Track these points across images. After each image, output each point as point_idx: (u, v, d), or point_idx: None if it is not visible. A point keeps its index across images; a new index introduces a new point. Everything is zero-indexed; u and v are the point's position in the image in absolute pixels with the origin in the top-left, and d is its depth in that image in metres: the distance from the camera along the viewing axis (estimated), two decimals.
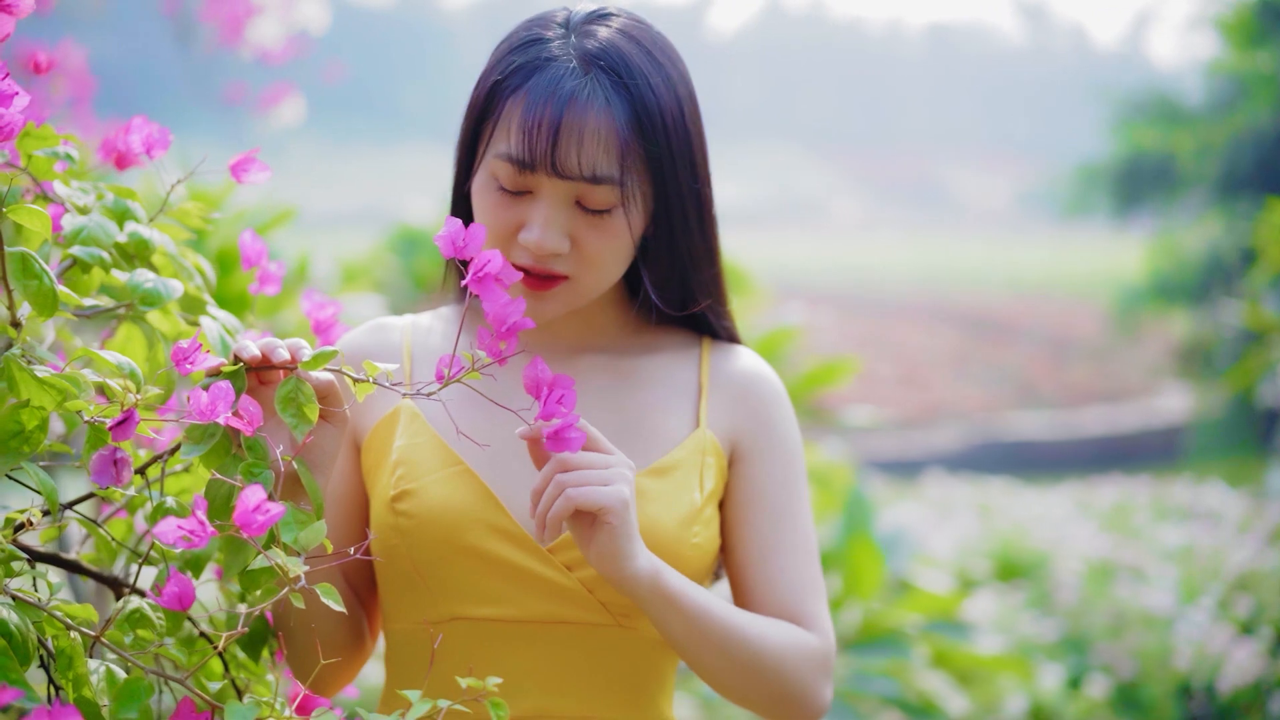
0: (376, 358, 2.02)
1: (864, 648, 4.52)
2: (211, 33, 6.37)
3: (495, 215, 1.88)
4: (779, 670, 1.89)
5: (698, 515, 1.94)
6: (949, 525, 8.57)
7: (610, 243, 1.87)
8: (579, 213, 1.86)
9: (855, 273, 31.94)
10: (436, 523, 1.90)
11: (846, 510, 4.72)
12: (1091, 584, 6.95)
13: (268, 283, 2.00)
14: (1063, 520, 8.87)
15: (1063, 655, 6.45)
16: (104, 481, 1.52)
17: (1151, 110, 19.13)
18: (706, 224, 1.96)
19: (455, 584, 1.91)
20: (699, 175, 1.92)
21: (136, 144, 1.88)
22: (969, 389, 20.73)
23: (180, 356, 1.56)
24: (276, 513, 1.46)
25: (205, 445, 1.63)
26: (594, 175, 1.83)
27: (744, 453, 2.01)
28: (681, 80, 1.91)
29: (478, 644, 1.92)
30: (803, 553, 1.99)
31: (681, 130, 1.88)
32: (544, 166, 1.82)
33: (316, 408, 1.67)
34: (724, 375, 2.04)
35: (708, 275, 2.00)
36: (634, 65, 1.86)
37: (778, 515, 1.99)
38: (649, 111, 1.85)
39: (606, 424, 1.96)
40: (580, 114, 1.82)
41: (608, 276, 1.91)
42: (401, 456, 1.94)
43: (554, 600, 1.90)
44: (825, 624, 1.98)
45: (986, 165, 67.91)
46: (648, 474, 1.94)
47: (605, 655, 1.93)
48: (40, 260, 1.63)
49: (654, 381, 2.02)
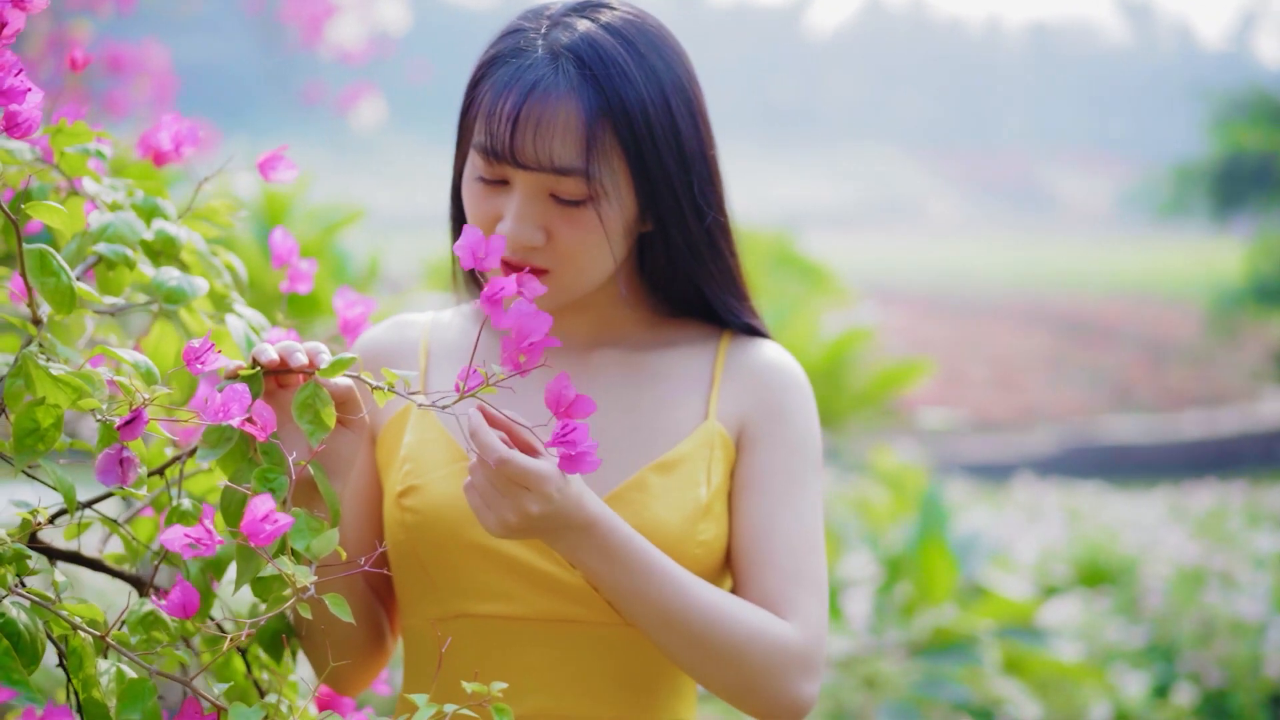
0: (394, 355, 2.01)
1: (935, 653, 4.46)
2: (293, 33, 6.40)
3: (476, 207, 1.86)
4: (740, 656, 1.81)
5: (705, 511, 1.90)
6: (1036, 529, 8.47)
7: (584, 235, 1.83)
8: (553, 205, 1.83)
9: (952, 274, 31.71)
10: (441, 518, 1.88)
11: (920, 514, 4.66)
12: (1180, 590, 6.84)
13: (298, 281, 1.99)
14: (1153, 525, 8.75)
15: (1149, 663, 6.35)
16: (109, 481, 1.50)
17: (1254, 109, 18.86)
18: (705, 217, 1.91)
19: (461, 580, 1.89)
20: (689, 168, 1.87)
21: (165, 141, 1.87)
22: (1064, 392, 20.51)
23: (192, 356, 1.54)
24: (285, 523, 1.44)
25: (222, 449, 1.61)
26: (554, 165, 1.80)
27: (750, 438, 1.95)
28: (668, 71, 1.87)
29: (485, 642, 1.90)
30: (798, 543, 1.90)
31: (665, 121, 1.84)
32: (506, 157, 1.81)
33: (333, 414, 1.65)
34: (739, 365, 1.99)
35: (715, 269, 1.95)
36: (607, 56, 1.83)
37: (776, 502, 1.92)
38: (622, 101, 1.81)
39: (615, 421, 1.93)
40: (539, 103, 1.80)
41: (589, 270, 1.87)
42: (409, 452, 1.93)
43: (559, 597, 1.88)
44: (812, 618, 1.87)
45: (1087, 166, 67.26)
46: (652, 469, 1.91)
47: (614, 655, 1.90)
48: (59, 257, 1.62)
49: (667, 375, 1.98)
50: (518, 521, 1.68)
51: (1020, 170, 66.92)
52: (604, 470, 1.89)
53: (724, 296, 1.98)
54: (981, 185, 64.62)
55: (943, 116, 79.37)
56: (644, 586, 1.76)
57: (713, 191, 1.92)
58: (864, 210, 57.36)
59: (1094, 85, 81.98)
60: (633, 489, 1.90)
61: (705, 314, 2.02)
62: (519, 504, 1.68)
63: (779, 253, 11.20)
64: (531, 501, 1.68)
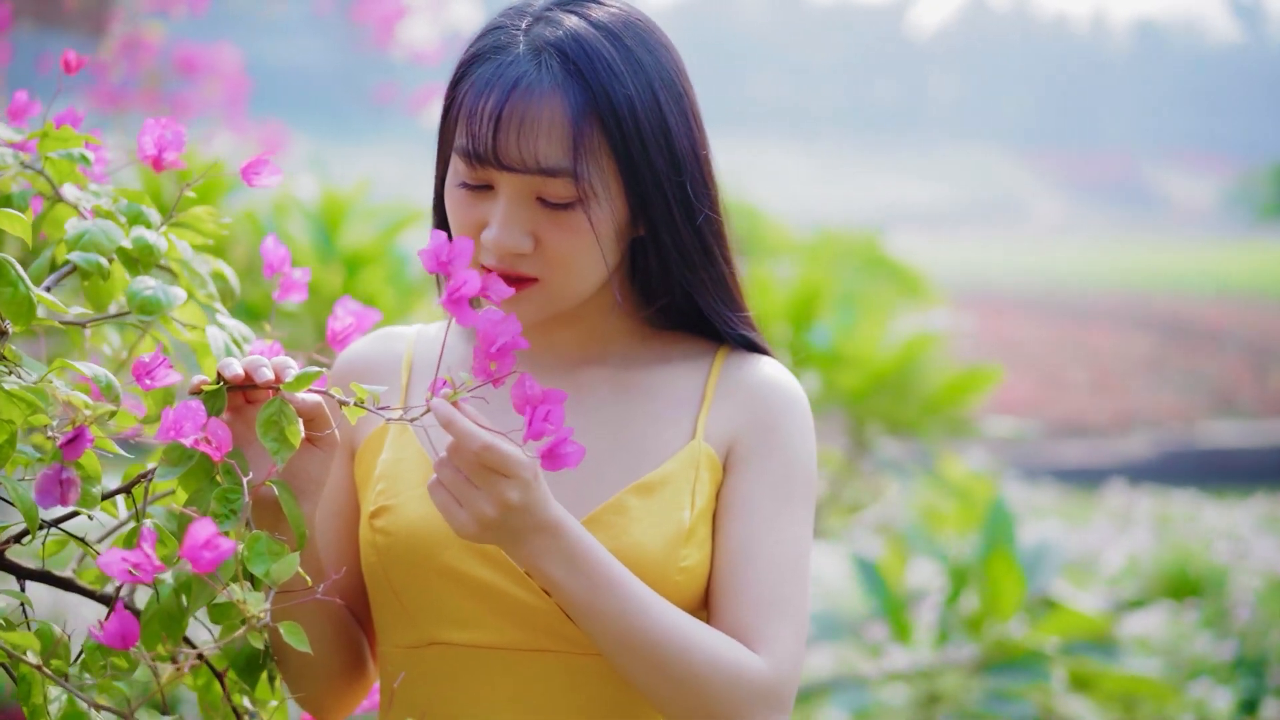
0: (377, 369, 1.93)
1: (1000, 669, 4.35)
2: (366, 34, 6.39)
3: (460, 215, 1.78)
4: (699, 684, 1.71)
5: (688, 536, 1.80)
6: (1124, 538, 8.30)
7: (574, 240, 1.75)
8: (540, 209, 1.75)
9: (1054, 276, 31.35)
10: (412, 541, 1.80)
11: (986, 524, 4.53)
12: (1271, 602, 6.66)
13: (290, 290, 1.92)
14: (1247, 535, 8.55)
15: (1237, 677, 6.18)
16: (46, 503, 1.44)
17: None
18: (698, 221, 1.82)
19: (432, 606, 1.81)
20: (680, 166, 1.79)
21: (149, 145, 1.81)
22: (1164, 396, 20.15)
23: (141, 371, 1.48)
24: (227, 549, 1.37)
25: (182, 467, 1.55)
26: (540, 166, 1.72)
27: (737, 457, 1.84)
28: (657, 67, 1.79)
29: (457, 671, 1.81)
30: (779, 570, 1.80)
31: (654, 119, 1.76)
32: (489, 159, 1.73)
33: (298, 431, 1.58)
34: (732, 383, 1.88)
35: (707, 275, 1.85)
36: (593, 52, 1.75)
37: (759, 526, 1.81)
38: (608, 99, 1.73)
39: (600, 441, 1.83)
40: (522, 102, 1.72)
41: (580, 278, 1.78)
42: (384, 470, 1.85)
43: (530, 627, 1.79)
44: (783, 651, 1.77)
45: (1194, 166, 66.34)
46: (632, 491, 1.81)
47: (587, 687, 1.80)
48: (18, 266, 1.56)
49: (657, 393, 1.88)
50: (495, 514, 1.60)
51: (1124, 170, 66.13)
52: (583, 492, 1.80)
53: (717, 306, 1.87)
54: (1085, 185, 63.94)
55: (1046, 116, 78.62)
56: (604, 600, 1.68)
57: (705, 193, 1.83)
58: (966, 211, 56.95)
59: (1201, 83, 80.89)
60: (611, 511, 1.80)
61: (701, 327, 1.92)
62: (497, 492, 1.59)
63: (866, 254, 11.07)
64: (511, 488, 1.60)
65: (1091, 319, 24.96)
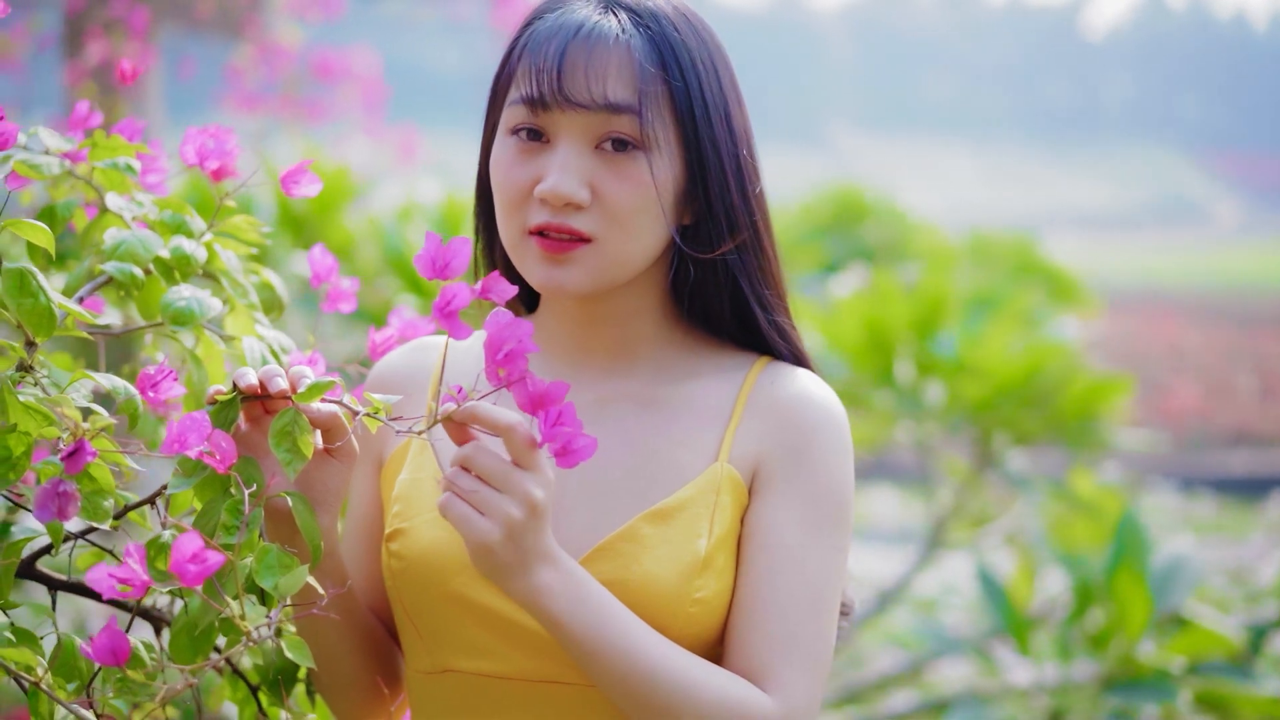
0: (408, 380, 1.88)
1: (1124, 687, 4.21)
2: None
3: (510, 173, 1.73)
4: None
5: (704, 565, 1.71)
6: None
7: (634, 193, 1.69)
8: (600, 159, 1.70)
9: (1230, 280, 30.61)
10: (424, 566, 1.74)
11: (1117, 540, 4.39)
12: None
13: (339, 300, 1.91)
14: None
15: None
16: (44, 516, 1.43)
17: None
18: (753, 193, 1.77)
19: (444, 633, 1.76)
20: (738, 140, 1.75)
21: (190, 155, 1.80)
22: None
23: (146, 384, 1.46)
24: (215, 562, 1.34)
25: (195, 479, 1.53)
26: (606, 100, 1.68)
27: (764, 481, 1.75)
28: (718, 50, 1.77)
29: (471, 699, 1.76)
30: (799, 606, 1.70)
31: (716, 88, 1.73)
32: (552, 95, 1.68)
33: (311, 442, 1.55)
34: (765, 398, 1.79)
35: (752, 255, 1.78)
36: (661, 15, 1.73)
37: (781, 558, 1.72)
38: (673, 48, 1.71)
39: (618, 463, 1.76)
40: (588, 40, 1.69)
41: (636, 237, 1.71)
42: (401, 491, 1.79)
43: (540, 656, 1.72)
44: (795, 692, 1.68)
45: None
46: (646, 518, 1.72)
47: (597, 718, 1.73)
48: (40, 277, 1.56)
49: (683, 409, 1.80)
50: (523, 515, 1.54)
51: None
52: (596, 518, 1.74)
53: (758, 288, 1.80)
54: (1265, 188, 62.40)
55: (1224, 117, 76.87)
56: (605, 636, 1.61)
57: (756, 175, 1.79)
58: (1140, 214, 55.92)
59: None
60: (622, 540, 1.72)
61: (737, 336, 1.85)
62: (523, 490, 1.54)
63: (1020, 258, 10.86)
64: (535, 484, 1.54)
65: (1264, 325, 24.33)
